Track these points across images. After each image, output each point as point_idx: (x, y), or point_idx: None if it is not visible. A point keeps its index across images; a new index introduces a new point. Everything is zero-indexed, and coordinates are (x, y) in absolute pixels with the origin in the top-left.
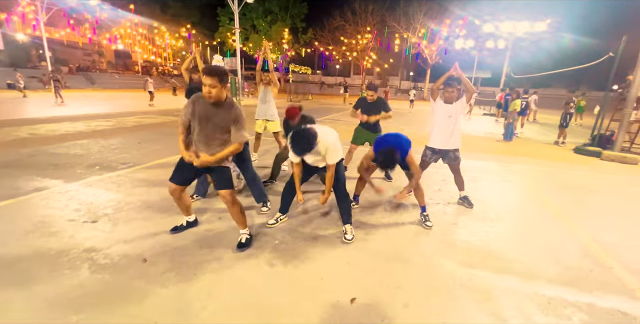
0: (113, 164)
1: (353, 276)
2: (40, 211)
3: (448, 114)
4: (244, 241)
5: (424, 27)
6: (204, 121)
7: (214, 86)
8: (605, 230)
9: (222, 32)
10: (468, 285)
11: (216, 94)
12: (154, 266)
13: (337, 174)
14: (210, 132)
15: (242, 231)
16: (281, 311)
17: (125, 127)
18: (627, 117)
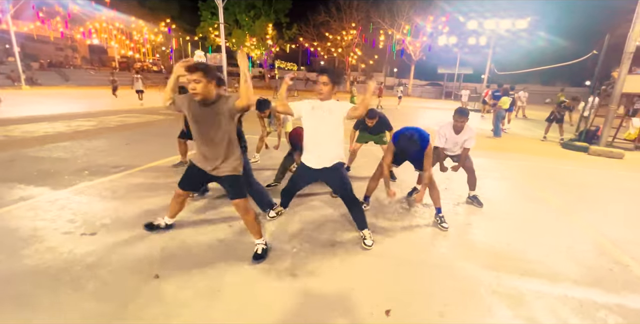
0: (103, 169)
1: (381, 284)
2: (30, 224)
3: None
4: (260, 252)
5: (408, 23)
6: (200, 123)
7: (199, 81)
8: (611, 227)
9: (203, 27)
10: (498, 290)
11: (202, 90)
12: (168, 282)
13: (343, 180)
14: (211, 133)
15: (257, 241)
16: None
17: (108, 127)
18: (612, 112)
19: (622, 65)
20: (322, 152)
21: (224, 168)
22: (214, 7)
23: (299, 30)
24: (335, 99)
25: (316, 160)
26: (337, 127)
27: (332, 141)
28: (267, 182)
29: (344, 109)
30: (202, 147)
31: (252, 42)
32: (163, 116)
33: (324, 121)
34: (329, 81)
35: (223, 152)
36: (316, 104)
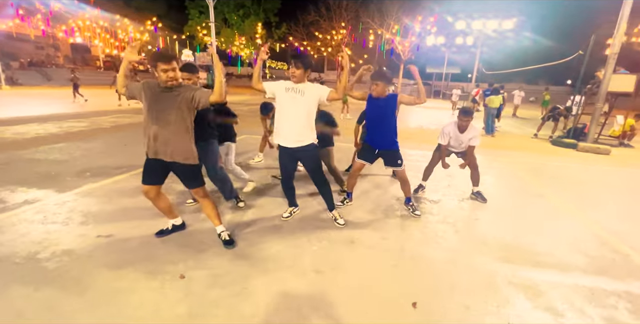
0: (105, 170)
1: (403, 278)
2: (40, 227)
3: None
4: (227, 238)
5: (397, 23)
6: (158, 104)
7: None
8: (607, 220)
9: (191, 25)
10: (514, 281)
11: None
12: (196, 282)
13: (316, 161)
14: (167, 114)
15: (218, 228)
16: (352, 320)
17: (102, 128)
18: (598, 111)
19: (607, 66)
20: (293, 131)
21: (176, 154)
22: (202, 6)
23: (288, 30)
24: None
25: (288, 139)
26: (308, 108)
27: (301, 121)
28: (275, 181)
29: (320, 91)
30: (154, 127)
31: (241, 41)
32: None
33: (296, 102)
34: (300, 65)
35: (174, 137)
36: (290, 86)
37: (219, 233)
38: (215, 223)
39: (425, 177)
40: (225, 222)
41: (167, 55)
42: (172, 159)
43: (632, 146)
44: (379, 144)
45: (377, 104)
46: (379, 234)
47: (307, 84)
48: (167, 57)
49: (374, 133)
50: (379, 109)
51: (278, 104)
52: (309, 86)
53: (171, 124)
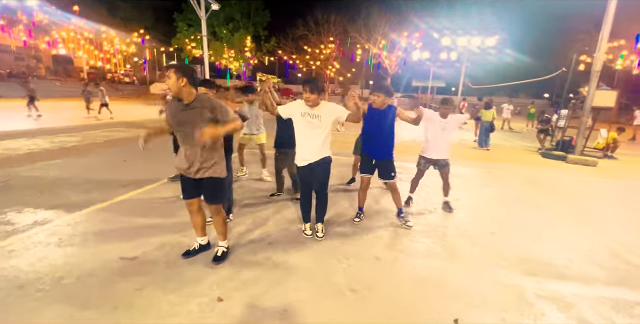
0: (111, 187)
1: (441, 296)
2: (57, 250)
3: (442, 127)
4: (220, 254)
5: (384, 38)
6: (184, 125)
7: (169, 76)
8: (611, 230)
9: (179, 38)
10: (543, 295)
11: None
12: (235, 304)
13: (326, 174)
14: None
15: (221, 243)
16: None
17: (95, 143)
18: (584, 124)
19: (591, 82)
20: (311, 152)
21: (205, 170)
22: (191, 19)
23: (277, 43)
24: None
25: (307, 159)
26: (325, 131)
27: (319, 143)
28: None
29: (338, 113)
30: (185, 146)
31: (230, 54)
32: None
33: (313, 126)
34: (314, 89)
35: (204, 153)
36: (305, 110)
37: (217, 248)
38: (220, 238)
39: (413, 190)
40: (246, 239)
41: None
42: (204, 176)
43: (615, 157)
44: (376, 154)
45: (376, 115)
46: (399, 249)
47: (322, 106)
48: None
49: (371, 143)
50: (377, 120)
51: (295, 127)
52: (325, 109)
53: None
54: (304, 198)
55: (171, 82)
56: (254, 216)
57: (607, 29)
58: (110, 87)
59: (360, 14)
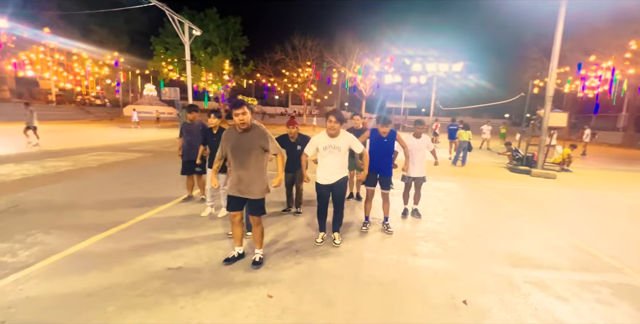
0: (126, 207)
1: (450, 285)
2: (107, 266)
3: (418, 148)
4: (258, 259)
5: (359, 63)
6: (239, 151)
7: (245, 113)
8: (574, 230)
9: (156, 61)
10: (528, 280)
11: (247, 120)
12: (287, 298)
13: (344, 190)
14: (246, 157)
15: (257, 251)
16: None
17: (89, 167)
18: (542, 143)
19: (546, 106)
20: (332, 174)
21: (255, 192)
22: (168, 43)
23: (255, 67)
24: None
25: (328, 179)
26: (343, 157)
27: (339, 167)
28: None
29: (354, 145)
30: (240, 171)
31: (208, 77)
32: (139, 153)
33: (334, 155)
34: (339, 120)
35: (255, 176)
36: (327, 143)
37: (255, 254)
38: (257, 247)
39: (406, 202)
40: (274, 248)
41: (236, 101)
42: (252, 197)
43: (570, 170)
44: (380, 170)
45: (382, 141)
46: (408, 252)
47: (342, 137)
48: (236, 103)
49: (377, 163)
50: (383, 145)
51: (320, 159)
52: (343, 140)
53: (251, 169)
54: (322, 211)
55: (247, 117)
56: (275, 228)
57: (555, 60)
58: (81, 110)
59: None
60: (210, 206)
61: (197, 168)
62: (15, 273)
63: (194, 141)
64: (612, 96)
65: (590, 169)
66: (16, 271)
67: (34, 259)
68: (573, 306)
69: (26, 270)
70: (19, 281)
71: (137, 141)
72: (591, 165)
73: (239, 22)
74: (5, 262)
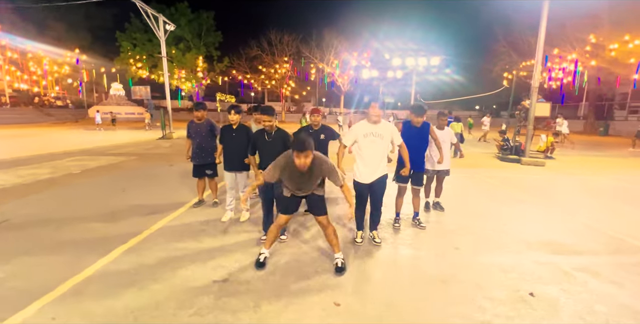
0: (135, 216)
1: (511, 276)
2: (146, 284)
3: (442, 139)
4: (340, 265)
5: (336, 58)
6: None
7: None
8: (583, 213)
9: (123, 58)
10: (577, 267)
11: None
12: (354, 305)
13: (384, 187)
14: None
15: (337, 255)
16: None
17: (71, 173)
18: (530, 132)
19: (532, 96)
20: (373, 172)
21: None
22: (135, 38)
23: (231, 63)
24: (385, 121)
25: (368, 176)
26: (385, 148)
27: (380, 160)
28: None
29: (395, 136)
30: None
31: (181, 74)
32: (121, 157)
33: (375, 145)
34: (378, 107)
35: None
36: (368, 130)
37: (335, 260)
38: (335, 250)
39: (428, 195)
40: (317, 253)
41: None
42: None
43: (553, 157)
44: (415, 166)
45: (415, 134)
46: (453, 246)
47: (383, 125)
48: (303, 149)
49: (412, 158)
50: (417, 138)
51: (358, 147)
52: (385, 128)
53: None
54: (360, 209)
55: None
56: (307, 231)
57: (540, 53)
58: (40, 112)
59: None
60: (230, 209)
61: (207, 171)
62: (37, 301)
63: (204, 142)
64: (575, 87)
65: (569, 155)
66: (36, 297)
67: (53, 282)
68: (630, 290)
69: (48, 296)
70: (46, 310)
71: (113, 144)
72: (568, 152)
73: (211, 16)
74: (19, 288)
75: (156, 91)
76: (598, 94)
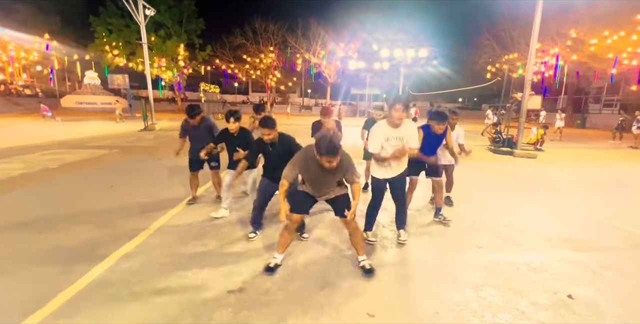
0: (127, 217)
1: (540, 278)
2: (151, 315)
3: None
4: (368, 267)
5: (323, 49)
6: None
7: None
8: (592, 207)
9: (98, 45)
10: (603, 265)
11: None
12: (384, 313)
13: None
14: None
15: (361, 258)
16: None
17: (49, 168)
18: (522, 124)
19: (525, 89)
20: (396, 167)
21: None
22: (111, 24)
23: (214, 52)
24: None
25: (389, 173)
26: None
27: (401, 159)
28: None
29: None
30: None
31: (161, 62)
32: (101, 150)
33: (394, 147)
34: (405, 108)
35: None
36: (390, 135)
37: (362, 263)
38: (360, 253)
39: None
40: (342, 253)
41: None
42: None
43: (543, 150)
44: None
45: (433, 138)
46: (475, 244)
47: (404, 127)
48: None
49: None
50: (434, 141)
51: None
52: (407, 131)
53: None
54: (376, 208)
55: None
56: (320, 231)
57: (534, 46)
58: (6, 101)
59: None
60: (225, 208)
61: (212, 163)
62: (31, 315)
63: (204, 142)
64: (555, 81)
65: (557, 148)
66: (16, 322)
67: (37, 300)
68: None
69: (32, 318)
70: None
71: (91, 136)
72: (555, 144)
73: (193, 3)
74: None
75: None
76: (576, 88)
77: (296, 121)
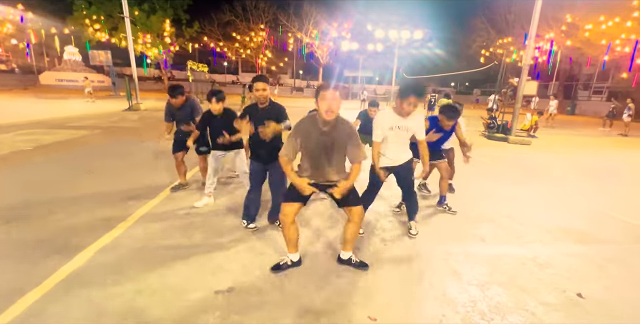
0: (106, 206)
1: (546, 275)
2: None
3: None
4: (359, 261)
5: (315, 28)
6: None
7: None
8: (590, 196)
9: (77, 18)
10: (607, 258)
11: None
12: (389, 317)
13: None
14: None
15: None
16: None
17: (22, 150)
18: (517, 110)
19: (522, 75)
20: (398, 156)
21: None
22: None
23: (201, 29)
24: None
25: (393, 161)
26: (406, 139)
27: (405, 147)
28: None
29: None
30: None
31: (146, 39)
32: (82, 130)
33: (400, 136)
34: (417, 99)
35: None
36: (395, 123)
37: (351, 258)
38: (347, 248)
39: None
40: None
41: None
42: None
43: (536, 136)
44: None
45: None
46: (479, 237)
47: (412, 118)
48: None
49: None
50: (446, 135)
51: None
52: (414, 122)
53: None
54: (370, 196)
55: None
56: (312, 223)
57: (533, 30)
58: None
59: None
60: (208, 195)
61: (201, 148)
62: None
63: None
64: (548, 66)
65: (549, 134)
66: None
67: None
68: None
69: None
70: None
71: (71, 116)
72: (547, 130)
73: None
74: None
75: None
76: (568, 74)
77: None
